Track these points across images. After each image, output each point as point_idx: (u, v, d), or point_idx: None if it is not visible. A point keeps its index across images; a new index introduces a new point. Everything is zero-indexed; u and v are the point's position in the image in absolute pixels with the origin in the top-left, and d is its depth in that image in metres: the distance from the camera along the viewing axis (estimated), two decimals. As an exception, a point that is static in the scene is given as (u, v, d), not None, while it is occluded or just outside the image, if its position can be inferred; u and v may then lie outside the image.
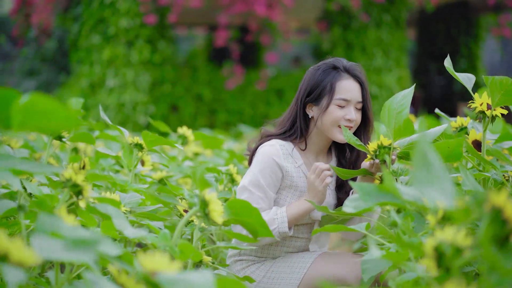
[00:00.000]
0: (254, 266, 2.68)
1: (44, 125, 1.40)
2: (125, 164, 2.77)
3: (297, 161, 2.67)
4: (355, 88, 2.65)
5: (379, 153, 2.33)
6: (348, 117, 2.61)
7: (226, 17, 11.14)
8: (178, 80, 11.99)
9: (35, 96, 1.38)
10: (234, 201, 1.92)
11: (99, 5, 11.68)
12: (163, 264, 1.39)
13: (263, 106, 12.04)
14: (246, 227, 1.96)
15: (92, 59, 11.84)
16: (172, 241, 1.87)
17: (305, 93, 2.69)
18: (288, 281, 2.61)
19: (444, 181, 1.28)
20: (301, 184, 2.66)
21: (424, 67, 15.83)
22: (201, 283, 1.33)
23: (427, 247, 1.34)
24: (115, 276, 1.48)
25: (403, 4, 12.33)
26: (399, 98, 2.34)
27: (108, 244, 1.43)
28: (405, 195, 1.69)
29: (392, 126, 2.30)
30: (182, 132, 3.46)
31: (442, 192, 1.26)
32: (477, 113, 2.28)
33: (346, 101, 2.62)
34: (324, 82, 2.65)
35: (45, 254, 1.28)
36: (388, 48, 12.19)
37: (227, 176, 2.94)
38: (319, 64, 2.72)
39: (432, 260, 1.34)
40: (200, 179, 1.83)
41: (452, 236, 1.34)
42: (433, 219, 1.62)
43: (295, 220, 2.59)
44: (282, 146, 2.66)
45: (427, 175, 1.29)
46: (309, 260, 2.63)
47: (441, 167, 1.32)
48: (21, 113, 1.39)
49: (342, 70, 2.67)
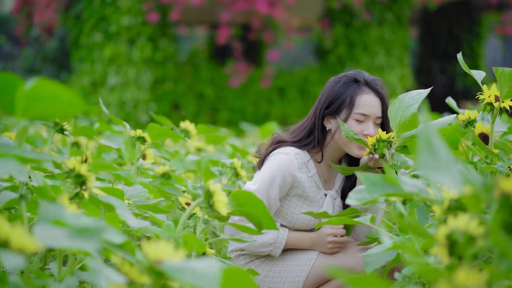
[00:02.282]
0: (258, 260, 2.66)
1: (49, 110, 1.38)
2: (127, 158, 2.75)
3: (311, 171, 2.65)
4: (375, 103, 2.60)
5: (378, 147, 2.31)
6: (366, 133, 2.56)
7: (228, 15, 11.12)
8: (180, 78, 11.97)
9: (40, 80, 1.36)
10: (238, 192, 1.90)
11: (100, 3, 11.65)
12: (168, 253, 1.37)
13: (265, 104, 12.00)
14: (251, 219, 1.94)
15: (93, 57, 11.82)
16: (176, 232, 1.85)
17: (324, 105, 2.64)
18: (295, 274, 2.59)
19: (451, 166, 1.26)
20: (312, 194, 2.64)
21: (427, 66, 15.81)
22: (207, 271, 1.31)
23: (439, 235, 1.31)
24: (119, 266, 1.45)
25: (406, 2, 12.29)
26: (414, 94, 2.32)
27: (113, 233, 1.40)
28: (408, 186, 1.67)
29: (398, 119, 2.27)
30: (184, 127, 3.44)
31: (450, 177, 1.24)
32: (485, 104, 2.26)
33: (365, 116, 2.58)
34: (344, 95, 2.60)
35: (47, 242, 1.26)
36: (390, 46, 12.16)
37: (231, 170, 2.92)
38: (340, 76, 2.67)
39: (444, 249, 1.32)
40: (205, 170, 1.80)
41: (465, 224, 1.31)
42: (439, 209, 1.60)
43: (293, 245, 2.64)
44: (297, 155, 2.63)
45: (433, 160, 1.27)
46: (316, 252, 2.61)
47: (447, 152, 1.29)
48: (25, 98, 1.36)
49: (363, 83, 2.62)
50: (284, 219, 2.64)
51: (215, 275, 1.29)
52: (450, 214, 1.58)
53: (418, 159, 1.24)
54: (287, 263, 2.62)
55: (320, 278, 2.58)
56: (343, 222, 2.15)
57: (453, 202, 1.58)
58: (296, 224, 2.64)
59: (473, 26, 15.45)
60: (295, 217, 2.62)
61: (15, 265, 1.15)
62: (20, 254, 1.22)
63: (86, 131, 2.80)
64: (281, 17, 11.14)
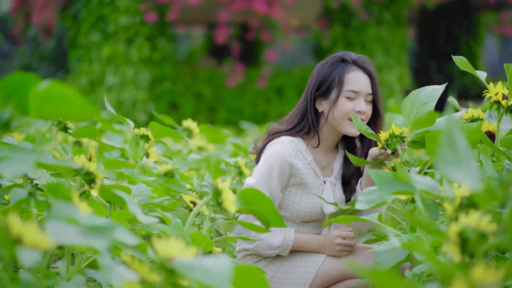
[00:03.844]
0: (265, 261, 2.64)
1: (62, 112, 1.38)
2: (131, 156, 2.74)
3: (307, 158, 2.64)
4: (364, 79, 2.62)
5: (391, 142, 2.30)
6: (358, 109, 2.58)
7: (226, 15, 11.11)
8: (178, 78, 11.96)
9: (54, 83, 1.36)
10: (246, 190, 1.89)
11: (98, 2, 11.62)
12: (178, 250, 1.36)
13: (263, 104, 12.00)
14: (258, 217, 1.93)
15: (91, 57, 11.80)
16: (184, 230, 1.84)
17: (314, 87, 2.65)
18: (302, 275, 2.58)
19: (470, 163, 1.25)
20: (310, 181, 2.63)
21: (425, 66, 15.81)
22: (218, 269, 1.30)
23: (451, 233, 1.31)
24: (128, 264, 1.44)
25: (404, 2, 12.29)
26: (429, 90, 2.31)
27: (123, 231, 1.40)
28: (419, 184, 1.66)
29: (413, 116, 2.26)
30: (187, 125, 3.42)
31: (469, 174, 1.23)
32: (492, 102, 2.25)
33: (355, 93, 2.59)
34: (333, 75, 2.62)
35: (60, 239, 1.25)
36: (388, 46, 12.15)
37: (235, 168, 2.91)
38: (327, 59, 2.69)
39: (456, 246, 1.31)
40: (214, 168, 1.79)
41: (477, 221, 1.31)
42: (450, 207, 1.59)
43: (301, 247, 2.63)
44: (291, 142, 2.62)
45: (453, 156, 1.26)
46: (323, 255, 2.60)
47: (468, 149, 1.28)
48: (39, 99, 1.37)
49: (350, 62, 2.64)
50: (286, 210, 2.63)
51: (227, 273, 1.28)
52: (461, 211, 1.57)
53: (438, 155, 1.24)
54: (294, 264, 2.61)
55: (326, 280, 2.57)
56: (350, 220, 2.14)
57: (464, 199, 1.58)
58: (299, 214, 2.62)
59: (471, 26, 15.46)
60: (297, 207, 2.61)
61: (31, 262, 1.15)
62: (33, 250, 1.21)
63: (89, 131, 2.78)
64: (279, 17, 11.14)
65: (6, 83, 1.44)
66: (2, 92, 1.45)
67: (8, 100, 1.48)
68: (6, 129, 1.53)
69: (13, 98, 1.47)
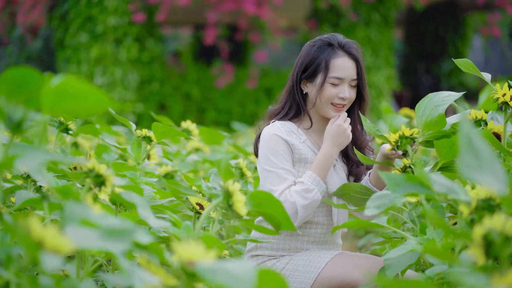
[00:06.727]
0: (270, 262, 2.63)
1: (76, 108, 1.35)
2: (133, 158, 2.71)
3: (301, 137, 2.66)
4: (350, 65, 2.64)
5: (401, 144, 2.29)
6: (341, 95, 2.61)
7: (215, 15, 11.09)
8: (167, 79, 11.92)
9: (67, 78, 1.33)
10: (256, 192, 1.88)
11: (86, 3, 11.56)
12: (199, 254, 1.34)
13: (252, 104, 11.99)
14: (268, 219, 1.92)
15: (79, 58, 11.73)
16: (194, 233, 1.82)
17: (300, 69, 2.68)
18: (302, 280, 2.55)
19: (495, 165, 1.24)
20: (310, 156, 2.64)
21: (412, 67, 15.85)
22: (241, 273, 1.28)
23: (476, 235, 1.30)
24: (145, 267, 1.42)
25: (392, 3, 12.31)
26: (445, 94, 2.31)
27: (142, 233, 1.38)
28: (438, 185, 1.65)
29: (425, 118, 2.25)
30: (186, 126, 3.41)
31: (494, 177, 1.22)
32: (500, 104, 2.25)
33: (340, 80, 2.62)
34: (319, 59, 2.64)
35: (81, 243, 1.23)
36: (377, 47, 12.17)
37: (237, 170, 2.89)
38: (315, 40, 2.71)
39: (480, 249, 1.30)
40: (225, 170, 1.78)
41: (502, 224, 1.30)
42: (466, 209, 1.58)
43: (322, 170, 2.57)
44: (282, 124, 2.65)
45: (475, 159, 1.25)
46: (325, 260, 2.55)
47: (489, 151, 1.27)
48: (52, 95, 1.33)
49: (337, 47, 2.65)
50: None
51: (251, 276, 1.27)
52: (477, 214, 1.56)
53: (460, 159, 1.22)
54: (296, 267, 2.59)
55: (328, 284, 2.54)
56: (359, 225, 2.12)
57: (480, 202, 1.57)
58: None
59: (459, 26, 15.52)
60: None
61: (54, 266, 1.13)
62: (55, 255, 1.19)
63: (90, 129, 2.77)
64: (268, 18, 11.13)
65: (7, 79, 1.40)
66: (4, 88, 1.42)
67: (12, 97, 1.45)
68: (18, 131, 1.50)
69: (18, 95, 1.44)
